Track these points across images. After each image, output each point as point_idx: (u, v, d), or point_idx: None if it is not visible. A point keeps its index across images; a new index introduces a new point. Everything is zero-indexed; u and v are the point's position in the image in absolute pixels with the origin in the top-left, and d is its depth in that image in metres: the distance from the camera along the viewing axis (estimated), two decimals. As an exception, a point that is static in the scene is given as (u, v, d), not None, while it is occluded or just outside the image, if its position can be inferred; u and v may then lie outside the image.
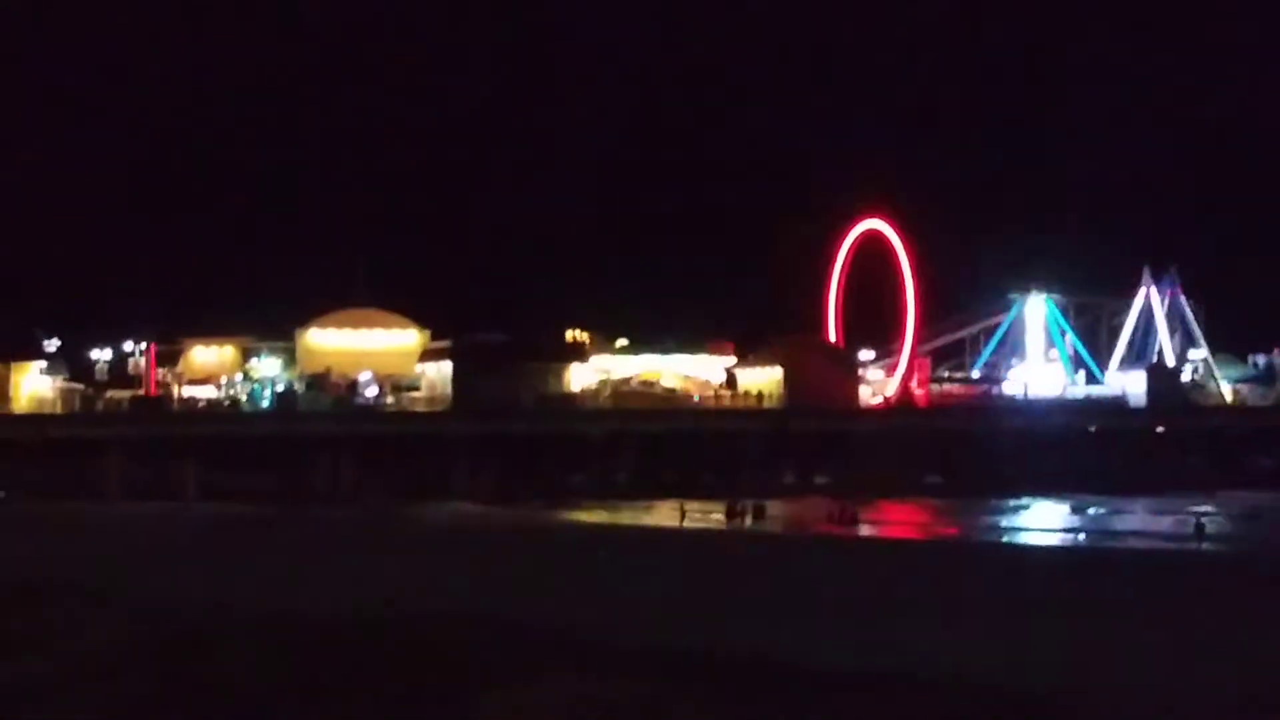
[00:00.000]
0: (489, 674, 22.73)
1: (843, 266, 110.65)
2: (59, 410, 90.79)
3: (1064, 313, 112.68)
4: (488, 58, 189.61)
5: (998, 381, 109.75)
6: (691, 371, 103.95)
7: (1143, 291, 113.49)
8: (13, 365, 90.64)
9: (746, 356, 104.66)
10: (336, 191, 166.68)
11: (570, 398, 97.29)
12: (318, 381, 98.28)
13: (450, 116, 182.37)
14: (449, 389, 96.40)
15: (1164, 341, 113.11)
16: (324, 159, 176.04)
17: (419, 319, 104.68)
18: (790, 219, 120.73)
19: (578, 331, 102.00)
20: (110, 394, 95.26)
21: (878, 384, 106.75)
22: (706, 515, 69.83)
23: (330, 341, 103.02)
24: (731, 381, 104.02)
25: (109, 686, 22.96)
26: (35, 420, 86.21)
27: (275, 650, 25.27)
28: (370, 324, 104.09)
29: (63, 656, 25.13)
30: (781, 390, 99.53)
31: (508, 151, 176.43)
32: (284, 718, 21.17)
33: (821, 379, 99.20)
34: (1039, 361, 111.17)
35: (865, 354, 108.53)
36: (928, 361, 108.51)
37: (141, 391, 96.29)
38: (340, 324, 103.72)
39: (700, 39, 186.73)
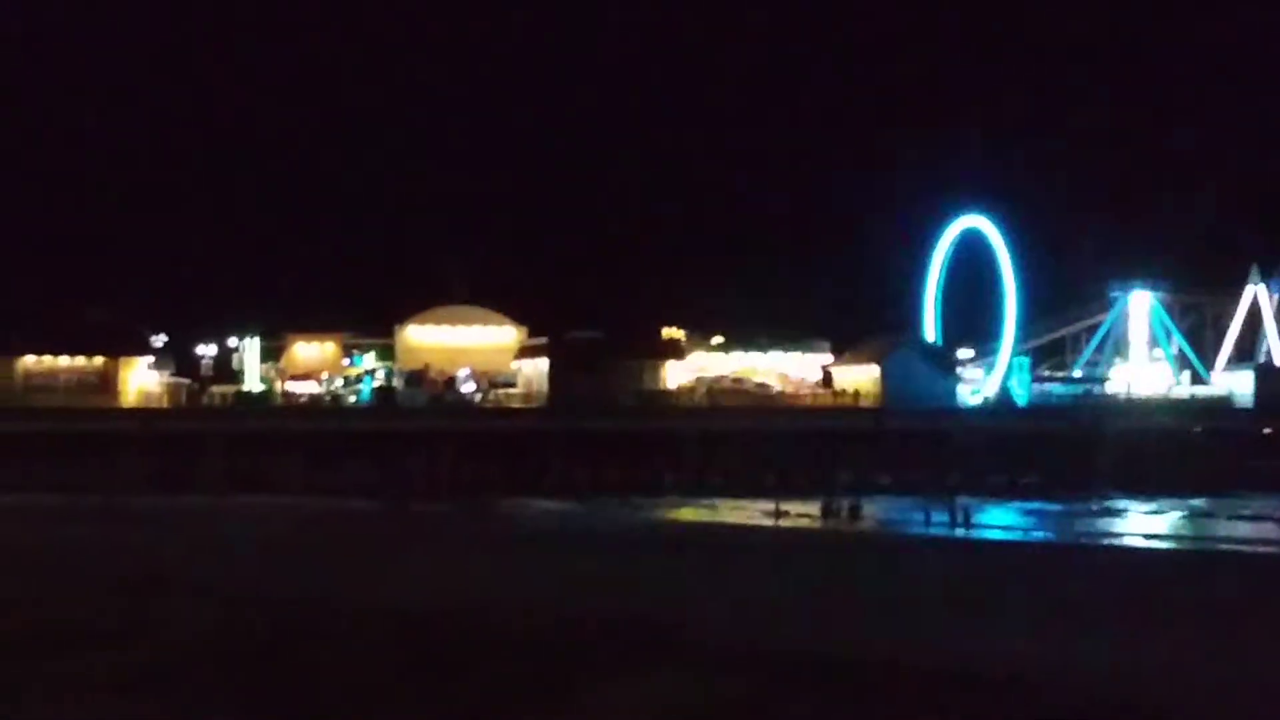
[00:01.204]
0: (590, 670, 22.87)
1: (942, 264, 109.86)
2: (165, 405, 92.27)
3: (1168, 311, 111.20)
4: (586, 58, 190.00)
5: (1100, 381, 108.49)
6: (787, 369, 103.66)
7: (1250, 289, 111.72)
8: (121, 360, 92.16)
9: (843, 354, 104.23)
10: (437, 190, 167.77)
11: (666, 395, 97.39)
12: (416, 377, 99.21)
13: (551, 116, 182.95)
14: (545, 386, 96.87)
15: (1272, 341, 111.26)
16: (425, 157, 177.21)
17: (516, 316, 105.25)
18: (889, 216, 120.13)
19: (674, 329, 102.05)
20: (214, 389, 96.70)
21: (976, 382, 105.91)
22: (802, 514, 69.68)
23: (429, 338, 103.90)
24: (828, 380, 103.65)
25: (214, 675, 23.38)
26: (142, 414, 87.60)
27: (377, 642, 25.61)
28: (468, 321, 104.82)
29: (169, 646, 25.60)
30: (878, 389, 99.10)
31: (605, 150, 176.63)
32: (385, 708, 21.45)
33: (919, 377, 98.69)
34: (1143, 360, 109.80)
35: (963, 352, 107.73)
36: (1027, 360, 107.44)
37: (245, 387, 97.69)
38: (439, 321, 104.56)
39: (798, 35, 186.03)
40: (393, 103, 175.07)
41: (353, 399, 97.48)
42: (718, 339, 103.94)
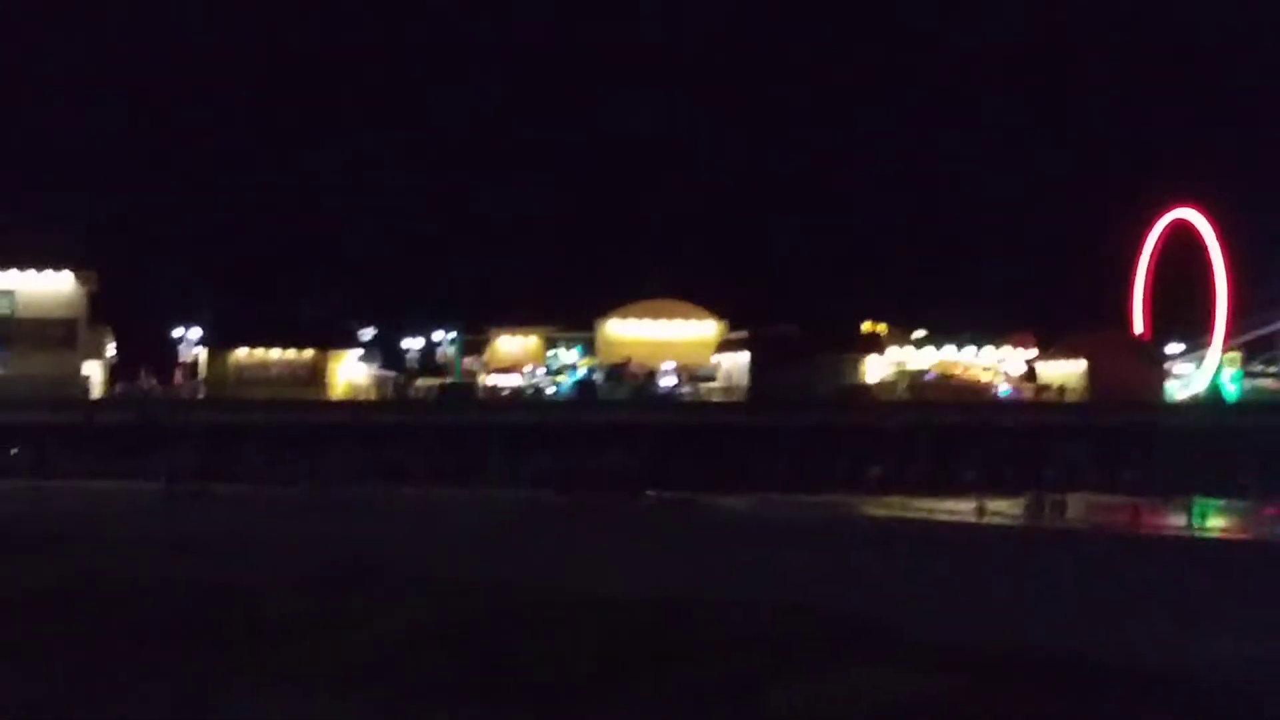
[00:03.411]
0: (789, 663, 22.84)
1: (1150, 256, 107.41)
2: (372, 397, 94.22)
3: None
4: (782, 53, 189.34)
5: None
6: (991, 364, 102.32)
7: None
8: (330, 354, 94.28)
9: (1048, 349, 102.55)
10: (639, 184, 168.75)
11: (866, 390, 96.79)
12: (616, 371, 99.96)
13: (748, 110, 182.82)
14: (745, 380, 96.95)
15: None
16: (625, 152, 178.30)
17: (716, 310, 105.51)
18: (1097, 208, 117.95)
19: (875, 323, 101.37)
20: (420, 381, 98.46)
21: (1185, 377, 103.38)
22: (1006, 510, 68.75)
23: (629, 332, 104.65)
24: (1032, 374, 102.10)
25: (424, 666, 23.79)
26: (350, 406, 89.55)
27: (579, 633, 25.83)
28: (668, 315, 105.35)
29: (380, 637, 26.08)
30: (1084, 384, 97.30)
31: (806, 142, 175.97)
32: (587, 698, 21.65)
33: (1126, 372, 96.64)
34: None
35: (1173, 347, 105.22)
36: (1239, 355, 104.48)
37: (449, 379, 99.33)
38: (639, 315, 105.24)
39: (1007, 20, 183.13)
40: (595, 99, 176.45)
41: (555, 392, 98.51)
42: (919, 333, 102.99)
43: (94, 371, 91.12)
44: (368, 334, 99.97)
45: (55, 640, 26.55)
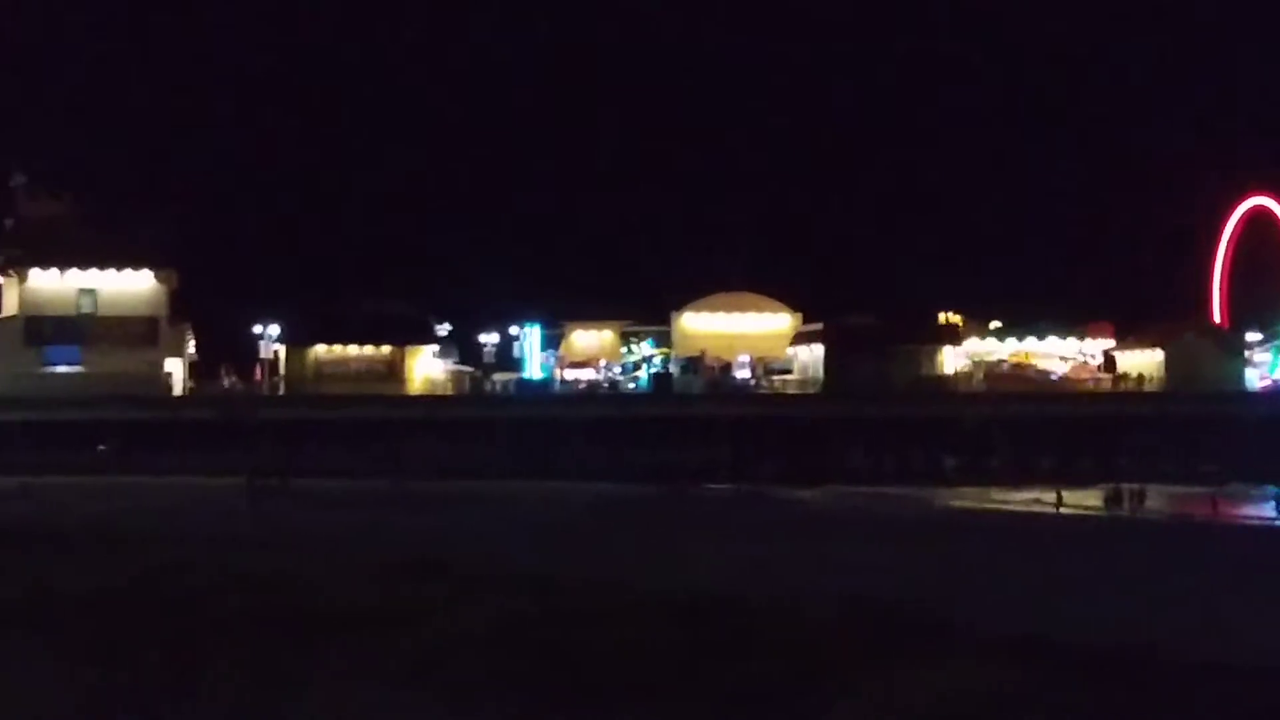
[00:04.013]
0: (860, 658, 22.91)
1: (1228, 245, 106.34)
2: (449, 392, 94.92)
3: None
4: (861, 50, 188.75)
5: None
6: (1068, 354, 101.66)
7: None
8: (407, 349, 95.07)
9: (1125, 338, 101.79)
10: (713, 177, 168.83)
11: (943, 381, 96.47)
12: (692, 364, 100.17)
13: (823, 104, 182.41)
14: (821, 371, 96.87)
15: None
16: (703, 147, 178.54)
17: (792, 302, 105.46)
18: (1174, 196, 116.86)
19: (951, 314, 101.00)
20: (496, 376, 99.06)
21: (1264, 366, 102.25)
22: (1083, 501, 68.37)
23: (704, 324, 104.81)
24: (1110, 364, 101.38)
25: (492, 662, 24.03)
26: (427, 401, 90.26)
27: (654, 627, 26.00)
28: (744, 307, 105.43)
29: (449, 632, 26.37)
30: (1162, 373, 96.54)
31: (884, 134, 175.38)
32: (661, 692, 21.83)
33: (1204, 362, 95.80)
34: None
35: (1251, 336, 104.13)
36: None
37: (525, 374, 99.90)
38: (714, 308, 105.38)
39: (1085, 14, 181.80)
40: (672, 94, 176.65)
41: (631, 386, 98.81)
42: (996, 323, 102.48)
43: (175, 369, 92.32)
44: (444, 330, 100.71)
45: (138, 633, 27.11)
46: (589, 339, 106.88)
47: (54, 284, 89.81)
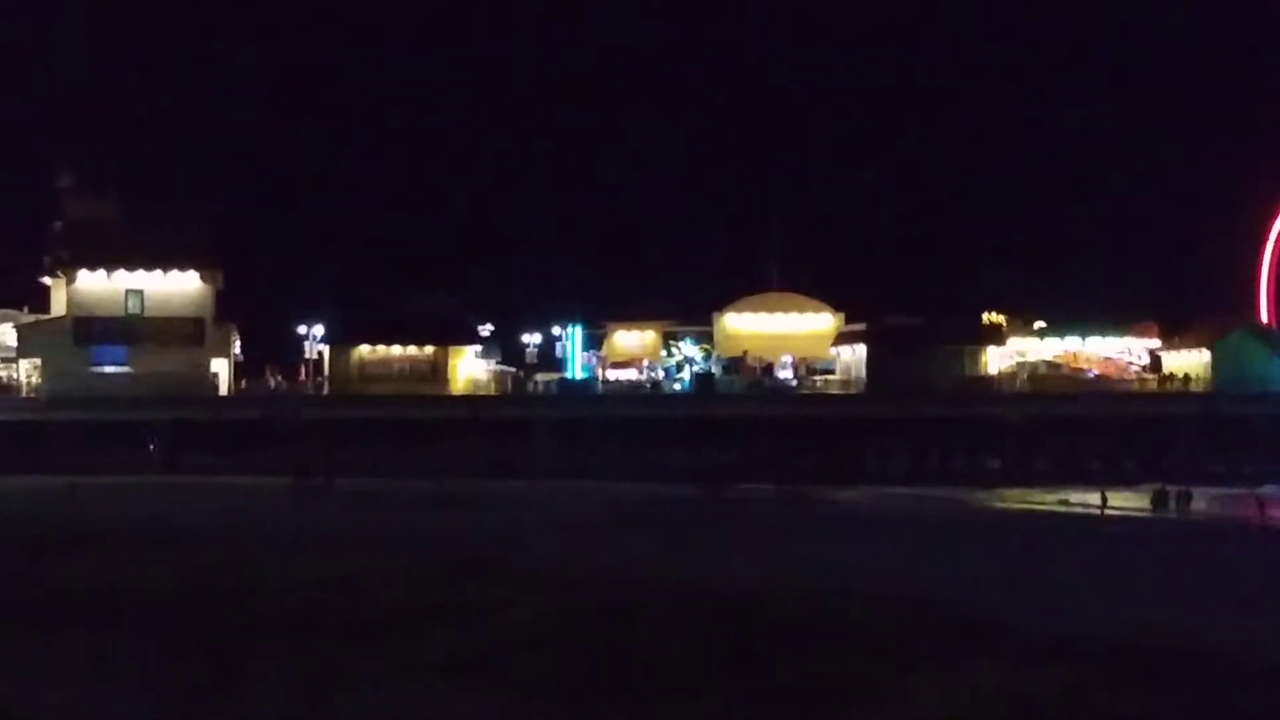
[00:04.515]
0: (910, 658, 22.94)
1: (1275, 243, 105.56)
2: (492, 392, 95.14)
3: None
4: (909, 49, 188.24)
5: None
6: (1113, 354, 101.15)
7: None
8: (450, 349, 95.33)
9: (1171, 338, 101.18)
10: (754, 177, 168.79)
11: (986, 381, 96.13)
12: (734, 364, 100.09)
13: (864, 103, 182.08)
14: (863, 372, 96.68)
15: None
16: (745, 147, 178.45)
17: (834, 302, 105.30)
18: (1216, 195, 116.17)
19: (994, 314, 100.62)
20: (539, 376, 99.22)
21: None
22: (1128, 503, 68.02)
23: (746, 325, 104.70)
24: (1155, 364, 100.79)
25: (540, 660, 24.16)
26: (470, 401, 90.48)
27: (699, 626, 26.09)
28: (785, 308, 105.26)
29: (496, 630, 26.52)
30: (1209, 373, 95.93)
31: (926, 134, 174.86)
32: (709, 689, 21.89)
33: (1252, 361, 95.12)
34: None
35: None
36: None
37: (567, 374, 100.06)
38: (756, 308, 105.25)
39: (1131, 17, 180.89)
40: (717, 95, 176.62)
41: (676, 386, 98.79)
42: (1039, 323, 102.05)
43: (221, 369, 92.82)
44: (487, 330, 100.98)
45: (192, 630, 27.37)
46: (631, 339, 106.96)
47: (102, 285, 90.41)
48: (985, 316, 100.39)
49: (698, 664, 23.48)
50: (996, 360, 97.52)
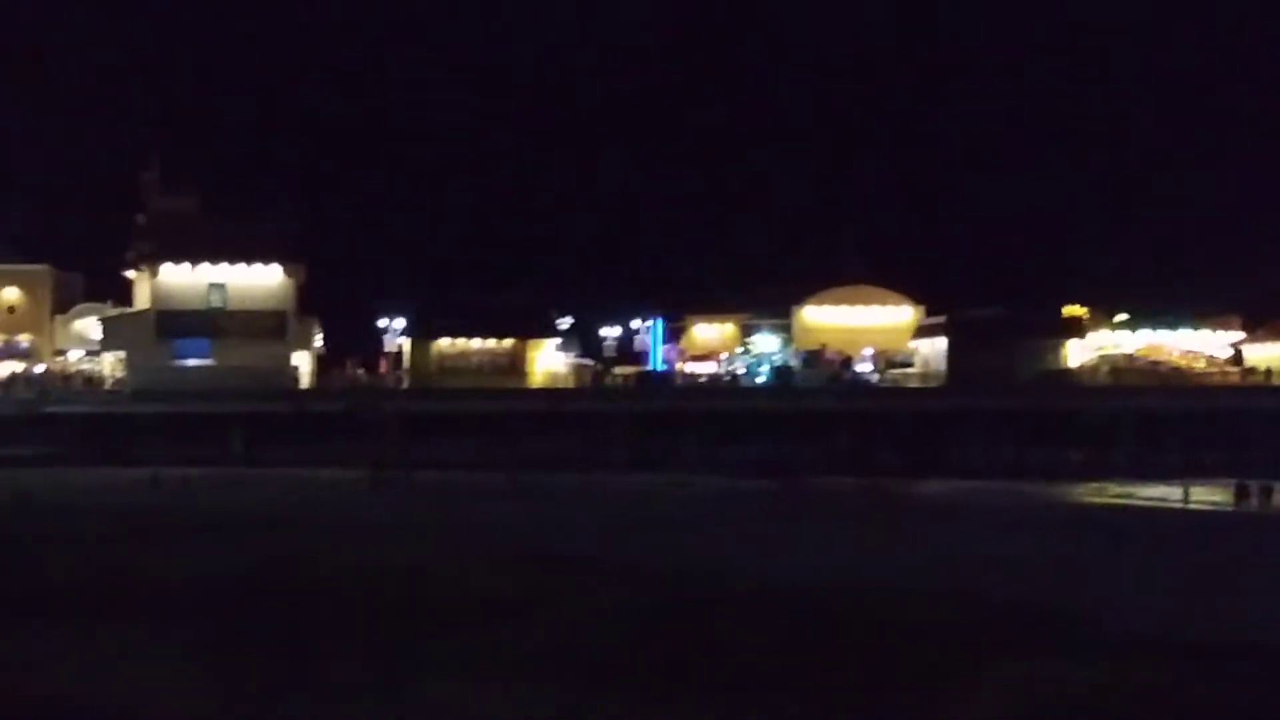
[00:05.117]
0: (986, 652, 22.84)
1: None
2: (571, 385, 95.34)
3: None
4: (978, 41, 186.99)
5: None
6: (1195, 347, 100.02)
7: None
8: (529, 342, 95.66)
9: (1255, 331, 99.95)
10: (836, 170, 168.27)
11: (1068, 374, 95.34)
12: (813, 357, 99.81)
13: (948, 95, 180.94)
14: (943, 365, 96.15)
15: None
16: (822, 142, 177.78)
17: (913, 295, 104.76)
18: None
19: (1076, 306, 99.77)
20: (617, 369, 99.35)
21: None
22: (1210, 497, 67.24)
23: (825, 318, 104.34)
24: (1238, 357, 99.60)
25: (611, 652, 24.25)
26: (549, 394, 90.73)
27: (775, 619, 26.08)
28: (865, 300, 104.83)
29: (569, 622, 26.63)
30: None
31: (1007, 127, 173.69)
32: (783, 683, 21.91)
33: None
34: None
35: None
36: None
37: (646, 367, 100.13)
38: (835, 301, 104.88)
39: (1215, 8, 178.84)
40: (792, 89, 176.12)
41: (758, 380, 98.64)
42: (1121, 316, 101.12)
43: (302, 362, 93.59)
44: (566, 323, 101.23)
45: (270, 619, 27.70)
46: (710, 332, 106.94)
47: (185, 278, 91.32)
48: (1066, 309, 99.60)
49: (773, 652, 23.48)
50: (1077, 353, 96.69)
